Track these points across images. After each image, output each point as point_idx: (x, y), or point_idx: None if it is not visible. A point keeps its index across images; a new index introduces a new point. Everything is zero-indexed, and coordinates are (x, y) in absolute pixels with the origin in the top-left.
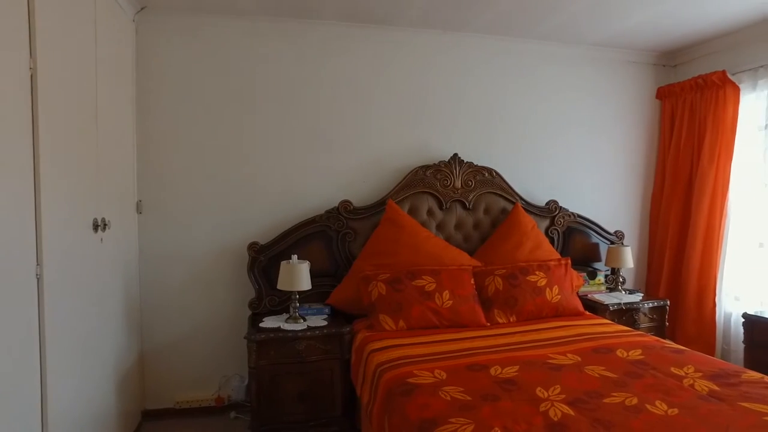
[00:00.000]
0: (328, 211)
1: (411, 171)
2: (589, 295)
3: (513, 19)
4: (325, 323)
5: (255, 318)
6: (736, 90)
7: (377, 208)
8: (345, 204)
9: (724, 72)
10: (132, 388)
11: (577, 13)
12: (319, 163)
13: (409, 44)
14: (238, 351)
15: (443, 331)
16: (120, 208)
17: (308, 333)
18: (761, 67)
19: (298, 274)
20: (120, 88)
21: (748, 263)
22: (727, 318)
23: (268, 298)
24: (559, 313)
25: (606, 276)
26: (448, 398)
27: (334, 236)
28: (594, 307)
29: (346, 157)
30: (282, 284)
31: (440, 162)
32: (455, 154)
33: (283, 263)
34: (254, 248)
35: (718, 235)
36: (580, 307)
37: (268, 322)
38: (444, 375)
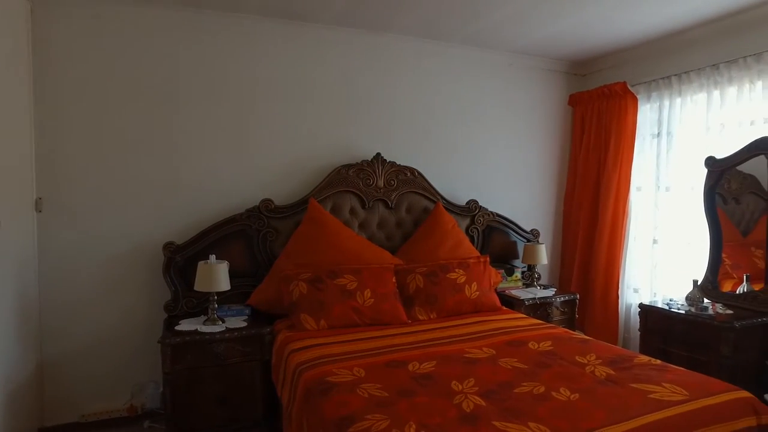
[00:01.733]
0: (248, 210)
1: (334, 170)
2: (506, 291)
3: (436, 23)
4: (244, 324)
5: (171, 321)
6: (635, 100)
7: (299, 207)
8: (266, 203)
9: (624, 83)
10: (27, 403)
11: (497, 21)
12: (239, 161)
13: (332, 42)
14: (154, 356)
15: (364, 330)
16: (13, 206)
17: (227, 335)
18: (653, 80)
19: (216, 275)
20: (11, 75)
21: (645, 258)
22: (628, 308)
23: (186, 300)
24: (477, 308)
25: (523, 272)
26: (366, 395)
27: (255, 236)
28: (511, 303)
29: (267, 156)
30: (199, 285)
31: (363, 161)
32: (378, 154)
33: (201, 263)
34: (170, 248)
35: (621, 233)
36: (498, 303)
37: (185, 325)
38: (363, 372)
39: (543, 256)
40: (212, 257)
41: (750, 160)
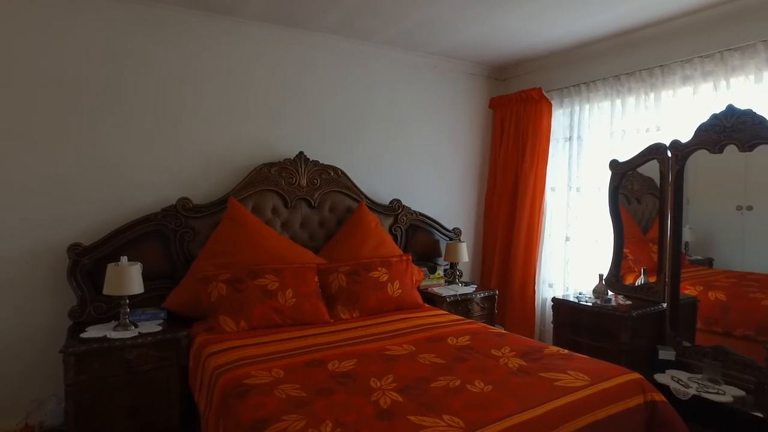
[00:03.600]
0: (164, 209)
1: (255, 168)
2: (429, 289)
3: (359, 23)
4: (159, 328)
5: (77, 328)
6: (549, 105)
7: (219, 206)
8: (184, 201)
9: (540, 89)
10: None
11: (418, 23)
12: (153, 158)
13: (253, 38)
14: (55, 368)
15: (286, 330)
16: None
17: (140, 340)
18: (565, 87)
19: (127, 277)
20: None
21: (558, 255)
22: (544, 303)
23: (94, 305)
24: (400, 306)
25: (445, 270)
26: (284, 396)
27: (172, 236)
28: (433, 300)
29: (184, 153)
30: (109, 289)
31: (285, 160)
32: (301, 152)
33: (110, 266)
34: (76, 250)
35: (537, 231)
36: (420, 300)
37: (92, 332)
38: (282, 373)
39: (464, 253)
40: (123, 259)
41: (646, 163)
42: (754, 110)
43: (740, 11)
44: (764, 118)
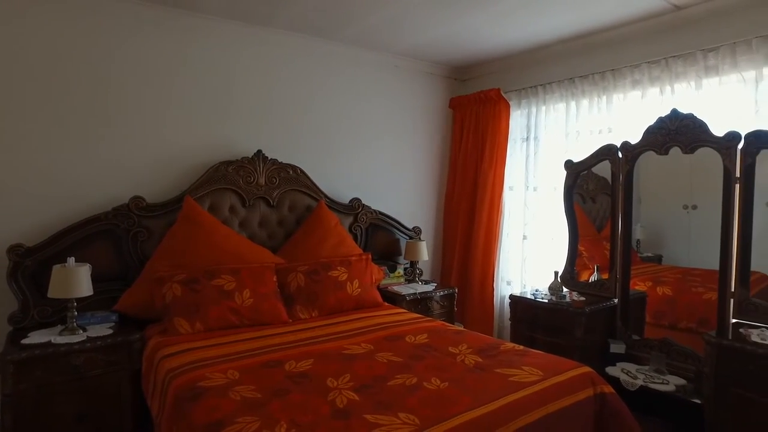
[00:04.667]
0: (116, 209)
1: (212, 167)
2: (389, 287)
3: (318, 20)
4: (110, 332)
5: (17, 334)
6: (508, 106)
7: (174, 205)
8: (137, 200)
9: (499, 90)
10: None
11: (377, 23)
12: (104, 154)
13: (211, 34)
14: None
15: (243, 331)
16: None
17: (88, 344)
18: (523, 89)
19: (75, 279)
20: None
21: (516, 253)
22: (502, 300)
23: (38, 309)
24: (359, 305)
25: (405, 269)
26: (239, 398)
27: (124, 236)
28: (393, 298)
29: (138, 150)
30: (55, 292)
31: (243, 158)
32: (259, 151)
33: (56, 267)
34: (17, 251)
35: (495, 230)
36: (379, 299)
37: (36, 337)
38: (237, 375)
39: (424, 252)
40: (71, 260)
41: (599, 164)
42: (695, 114)
43: (682, 21)
44: (704, 123)
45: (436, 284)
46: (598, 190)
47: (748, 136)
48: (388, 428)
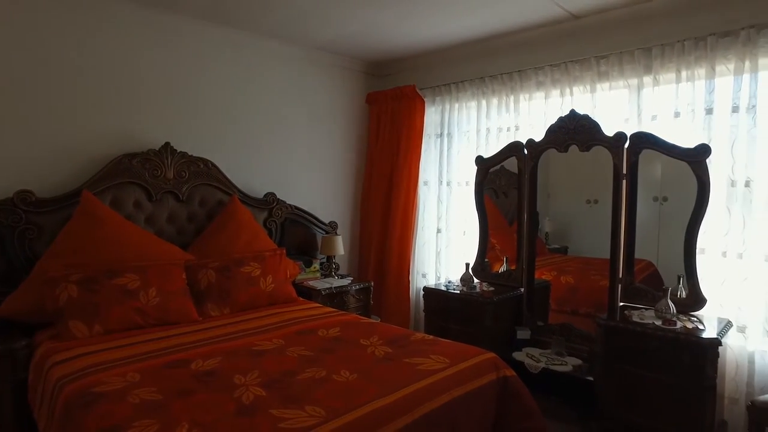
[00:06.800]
0: None
1: (114, 159)
2: (305, 282)
3: (229, 9)
4: None
5: None
6: (422, 103)
7: (69, 200)
8: (24, 195)
9: (414, 86)
10: None
11: (292, 14)
12: None
13: (113, 19)
14: None
15: (149, 331)
16: None
17: None
18: (437, 86)
19: None
20: None
21: (431, 246)
22: (418, 292)
23: None
24: (273, 301)
25: (322, 263)
26: (137, 401)
27: (9, 233)
28: (309, 293)
29: (26, 141)
30: None
31: (150, 150)
32: (167, 143)
33: None
34: None
35: (411, 224)
36: (294, 295)
37: None
38: (138, 377)
39: (340, 247)
40: None
41: (506, 160)
42: (590, 116)
43: (579, 29)
44: (597, 123)
45: (352, 278)
46: (510, 185)
47: (633, 136)
48: (294, 422)
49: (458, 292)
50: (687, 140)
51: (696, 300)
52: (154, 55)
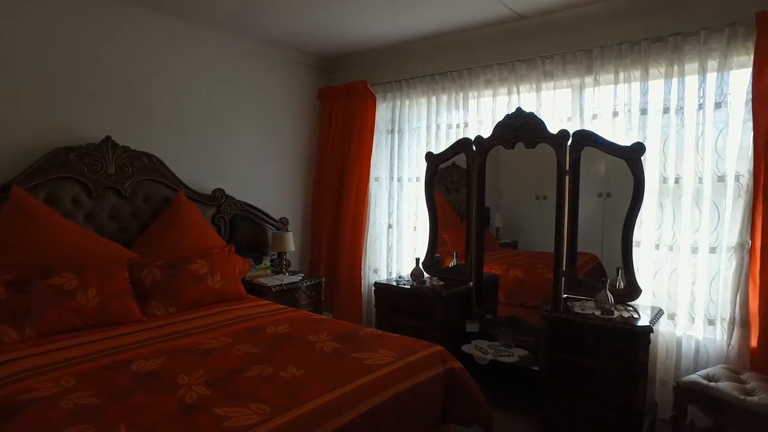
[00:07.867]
0: None
1: (48, 153)
2: (255, 280)
3: None
4: None
5: None
6: (374, 99)
7: None
8: None
9: (365, 82)
10: None
11: (239, 6)
12: None
13: (51, 5)
14: None
15: (88, 333)
16: None
17: None
18: (388, 83)
19: None
20: None
21: (382, 242)
22: (370, 288)
23: None
24: (221, 299)
25: (272, 260)
26: (71, 406)
27: None
28: (259, 291)
29: None
30: None
31: (89, 144)
32: (108, 137)
33: None
34: None
35: (362, 220)
36: (243, 292)
37: None
38: (73, 382)
39: (291, 243)
40: None
41: (455, 156)
42: (535, 114)
43: (526, 29)
44: (542, 121)
45: (303, 275)
46: (461, 182)
47: (575, 134)
48: (238, 420)
49: (408, 286)
50: (625, 139)
51: (632, 290)
52: (94, 45)
